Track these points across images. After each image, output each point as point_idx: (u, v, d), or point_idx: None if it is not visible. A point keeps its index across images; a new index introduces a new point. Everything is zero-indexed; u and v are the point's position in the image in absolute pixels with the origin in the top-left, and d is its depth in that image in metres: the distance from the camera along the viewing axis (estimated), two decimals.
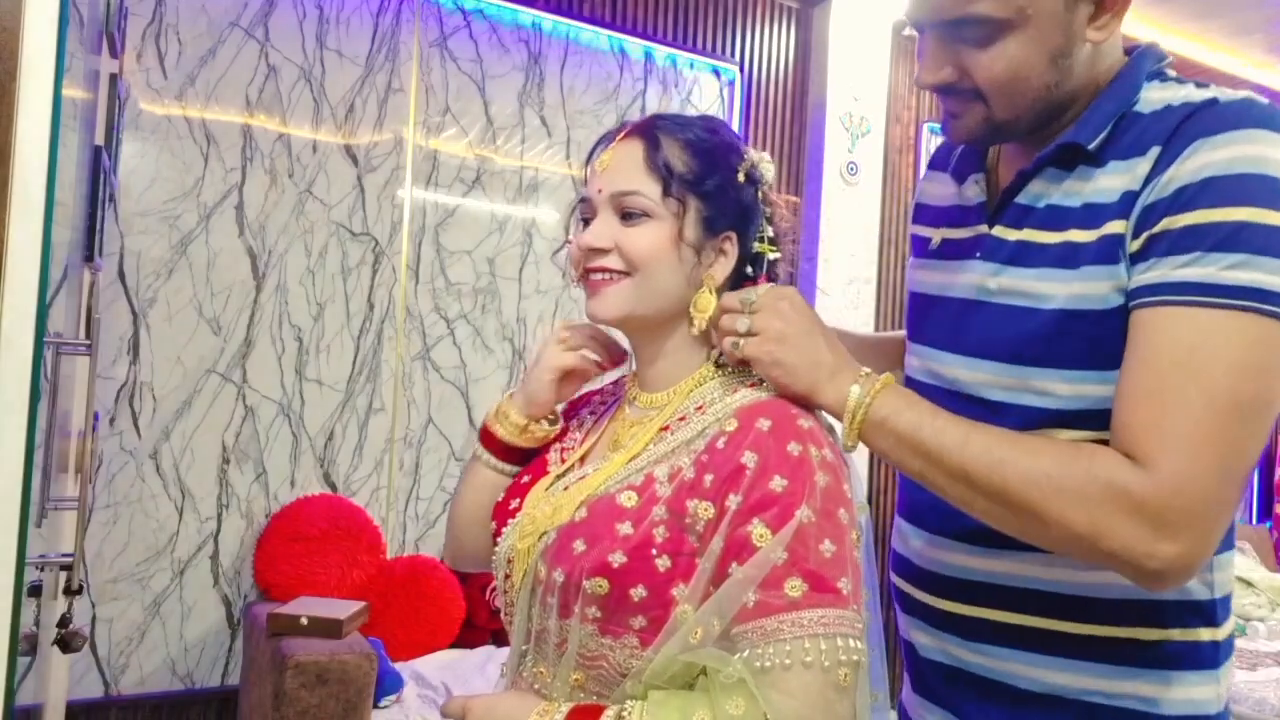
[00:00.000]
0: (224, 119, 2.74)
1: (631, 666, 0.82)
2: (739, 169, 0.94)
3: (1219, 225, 0.76)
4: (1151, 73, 0.89)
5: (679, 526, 0.82)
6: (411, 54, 2.99)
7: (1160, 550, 0.74)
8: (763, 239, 0.96)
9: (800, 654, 0.75)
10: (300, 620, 2.30)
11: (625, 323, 0.93)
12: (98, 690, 2.58)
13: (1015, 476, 0.78)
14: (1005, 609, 0.92)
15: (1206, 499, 0.75)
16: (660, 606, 0.81)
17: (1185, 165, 0.79)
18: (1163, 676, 0.87)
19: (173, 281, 2.67)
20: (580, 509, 0.87)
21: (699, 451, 0.85)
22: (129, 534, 2.61)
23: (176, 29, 2.67)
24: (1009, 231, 0.91)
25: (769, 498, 0.79)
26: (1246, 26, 3.83)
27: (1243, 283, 0.74)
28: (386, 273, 2.96)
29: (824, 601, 0.77)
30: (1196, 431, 0.74)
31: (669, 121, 0.93)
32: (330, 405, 2.88)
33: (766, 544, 0.77)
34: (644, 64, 3.40)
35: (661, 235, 0.89)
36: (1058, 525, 0.77)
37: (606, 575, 0.81)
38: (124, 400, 2.61)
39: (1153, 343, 0.78)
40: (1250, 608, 3.98)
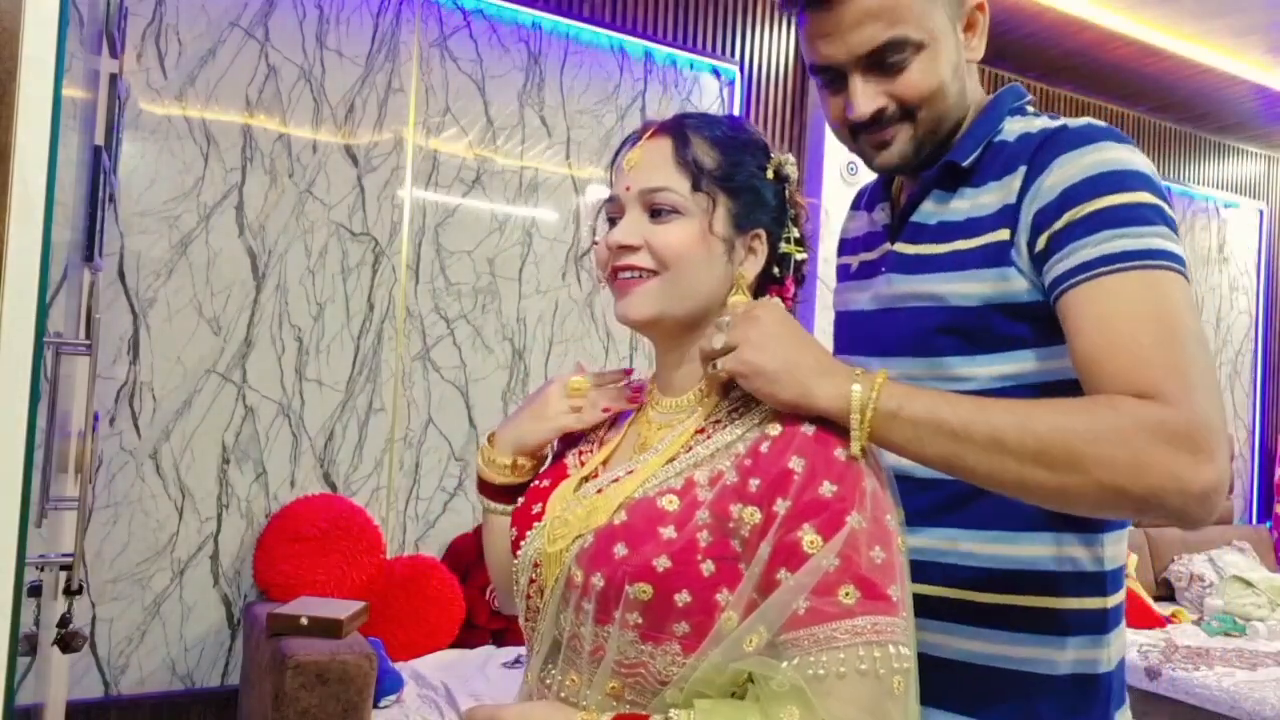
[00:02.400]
0: (224, 119, 2.74)
1: (672, 674, 0.80)
2: (767, 166, 0.92)
3: (1115, 207, 0.87)
4: (1013, 108, 1.02)
5: (722, 531, 0.80)
6: (411, 54, 2.99)
7: (1203, 473, 0.78)
8: (789, 239, 0.94)
9: (855, 662, 0.74)
10: (300, 620, 2.30)
11: (656, 324, 0.90)
12: (98, 690, 2.58)
13: (1047, 430, 0.80)
14: (919, 580, 0.95)
15: (1219, 418, 0.80)
16: (704, 612, 0.79)
17: (1057, 174, 0.90)
18: (1059, 642, 0.95)
19: (173, 281, 2.68)
20: (619, 512, 0.85)
21: (741, 455, 0.83)
22: (129, 534, 2.61)
23: (176, 29, 2.68)
24: (908, 246, 1.03)
25: (819, 503, 0.78)
26: (1246, 27, 3.83)
27: (1153, 247, 0.86)
28: (386, 273, 2.96)
29: (877, 609, 0.76)
30: (1184, 363, 0.81)
31: (696, 119, 0.92)
32: (330, 405, 2.88)
33: (818, 550, 0.76)
34: (644, 64, 3.40)
35: (691, 232, 0.88)
36: (1101, 469, 0.78)
37: (651, 580, 0.79)
38: (124, 400, 2.61)
39: (1103, 307, 0.85)
40: (1250, 608, 3.98)
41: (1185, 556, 4.32)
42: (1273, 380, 5.28)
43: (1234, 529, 4.71)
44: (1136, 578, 4.07)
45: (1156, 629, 3.76)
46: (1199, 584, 4.18)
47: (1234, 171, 5.16)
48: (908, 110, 0.98)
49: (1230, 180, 5.14)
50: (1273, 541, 4.82)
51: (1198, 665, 3.30)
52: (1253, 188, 5.25)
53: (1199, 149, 5.01)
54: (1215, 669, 3.26)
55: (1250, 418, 5.24)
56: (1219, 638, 3.72)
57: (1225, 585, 4.10)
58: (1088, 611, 0.96)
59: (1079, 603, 0.96)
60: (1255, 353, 5.26)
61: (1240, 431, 5.17)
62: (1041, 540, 0.95)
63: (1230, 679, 3.15)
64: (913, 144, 1.00)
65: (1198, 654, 3.42)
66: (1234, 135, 5.03)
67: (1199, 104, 4.55)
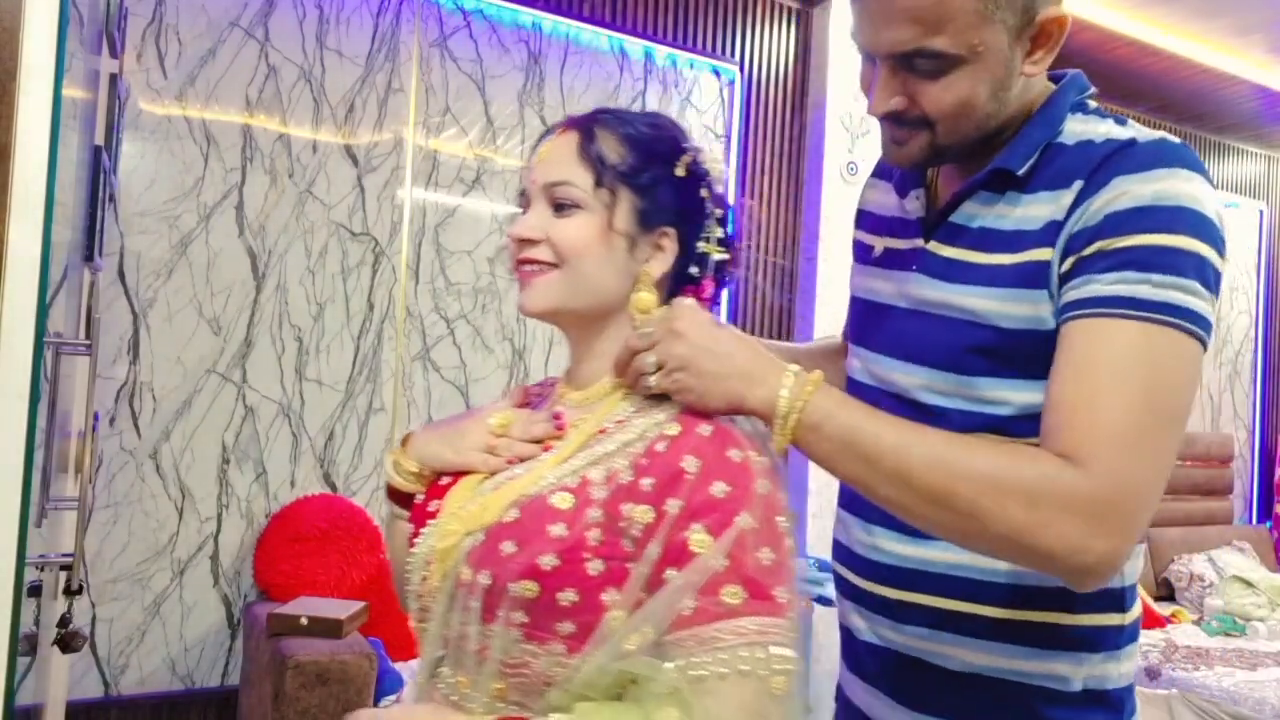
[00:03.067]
0: (224, 119, 2.74)
1: (557, 674, 0.79)
2: (678, 164, 0.91)
3: (1150, 248, 0.82)
4: (1075, 104, 0.95)
5: (613, 530, 0.80)
6: (411, 54, 2.99)
7: (1094, 546, 0.77)
8: (708, 239, 0.93)
9: (736, 662, 0.74)
10: (300, 620, 2.30)
11: (555, 316, 0.91)
12: (98, 690, 2.58)
13: (954, 476, 0.80)
14: (934, 594, 0.96)
15: (1139, 498, 0.79)
16: (589, 612, 0.78)
17: (1110, 196, 0.84)
18: (1075, 657, 0.93)
19: (173, 281, 2.68)
20: (510, 509, 0.84)
21: (637, 455, 0.83)
22: (129, 534, 2.61)
23: (176, 29, 2.67)
24: (943, 248, 0.97)
25: (710, 503, 0.78)
26: (1247, 26, 3.83)
27: (1170, 301, 0.80)
28: (386, 273, 2.96)
29: (762, 610, 0.76)
30: (1131, 434, 0.78)
31: (610, 115, 0.92)
32: (330, 405, 2.88)
33: (706, 550, 0.76)
34: (644, 64, 3.40)
35: (591, 227, 0.88)
36: (996, 523, 0.78)
37: (536, 578, 0.79)
38: (124, 400, 2.61)
39: (1087, 351, 0.82)
40: (1250, 608, 3.98)
41: (1185, 556, 4.32)
42: (1273, 380, 5.28)
43: (1234, 529, 4.71)
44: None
45: (1156, 629, 3.76)
46: (1199, 584, 4.18)
47: (1234, 171, 5.16)
48: (927, 119, 0.92)
49: (1230, 180, 5.14)
50: (1273, 541, 4.82)
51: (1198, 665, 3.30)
52: (1252, 188, 5.25)
53: (1199, 149, 5.01)
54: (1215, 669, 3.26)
55: (1250, 418, 5.24)
56: (1219, 638, 3.72)
57: (1225, 585, 4.10)
58: (1105, 628, 0.94)
59: (1096, 619, 0.94)
60: (1255, 353, 5.26)
61: (1240, 432, 5.17)
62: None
63: (1230, 679, 3.15)
64: (929, 150, 0.94)
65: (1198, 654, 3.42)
66: (1234, 135, 5.03)
67: (1199, 104, 4.55)
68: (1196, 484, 4.66)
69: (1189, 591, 4.20)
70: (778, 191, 3.63)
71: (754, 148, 3.57)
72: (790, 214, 3.65)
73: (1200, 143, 5.01)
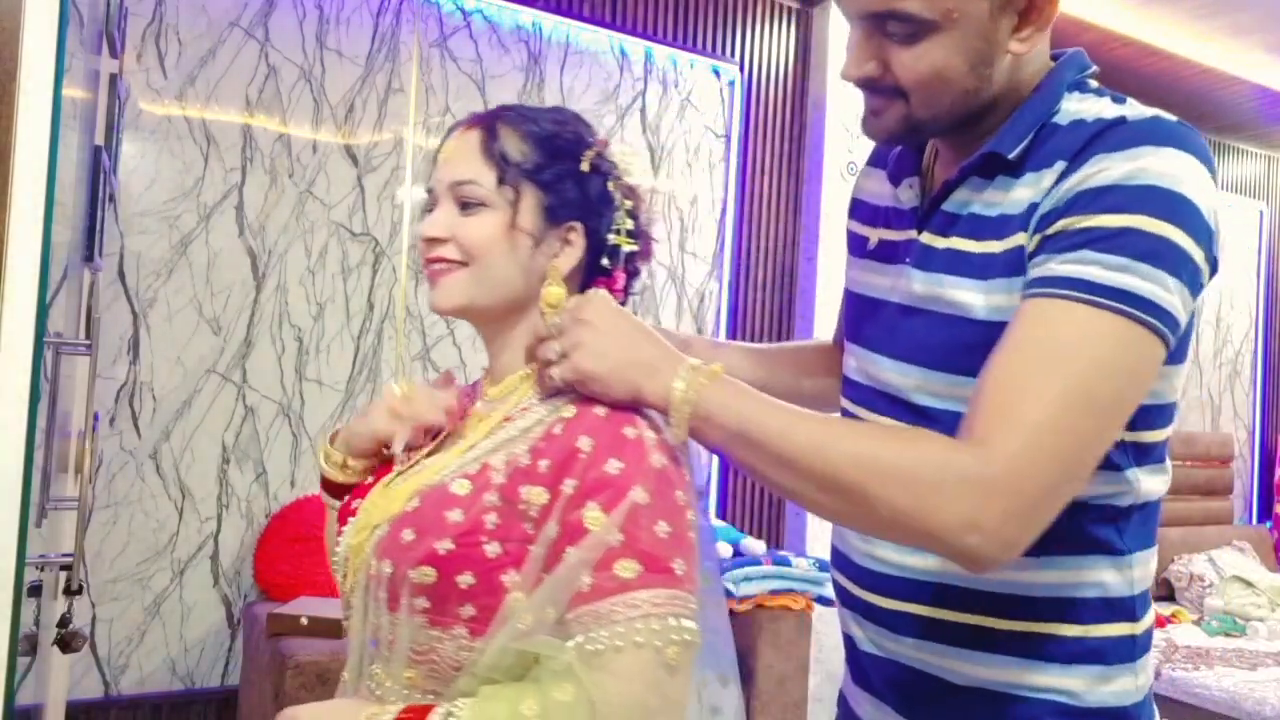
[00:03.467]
0: (224, 119, 2.74)
1: (463, 659, 0.81)
2: (582, 158, 0.93)
3: (1109, 229, 0.77)
4: (1073, 83, 0.90)
5: (512, 513, 0.81)
6: (411, 54, 2.99)
7: (981, 522, 0.74)
8: (619, 231, 0.95)
9: (632, 635, 0.75)
10: (300, 620, 2.30)
11: (466, 313, 0.93)
12: (98, 690, 2.58)
13: (839, 458, 0.78)
14: (935, 605, 0.93)
15: (1037, 482, 0.74)
16: (489, 594, 0.80)
17: (1085, 174, 0.80)
18: (1083, 671, 0.89)
19: (173, 281, 2.67)
20: (413, 499, 0.86)
21: (537, 439, 0.85)
22: (129, 534, 2.61)
23: (176, 29, 2.67)
24: (936, 239, 0.92)
25: (603, 480, 0.79)
26: (1246, 26, 3.83)
27: (1121, 285, 0.76)
28: (386, 273, 2.96)
29: (656, 581, 0.77)
30: (1043, 417, 0.74)
31: (513, 112, 0.93)
32: (330, 405, 2.88)
33: (600, 526, 0.77)
34: (644, 64, 3.40)
35: (496, 224, 0.89)
36: (881, 504, 0.76)
37: (433, 563, 0.80)
38: (124, 400, 2.61)
39: (1025, 331, 0.78)
40: (1250, 608, 3.98)
41: (1185, 556, 4.32)
42: (1273, 380, 5.28)
43: (1234, 529, 4.71)
44: None
45: (1156, 629, 3.76)
46: (1199, 584, 4.18)
47: (1233, 171, 5.16)
48: (901, 88, 0.87)
49: (1230, 180, 5.14)
50: (1273, 541, 4.81)
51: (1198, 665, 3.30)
52: (1252, 188, 5.25)
53: None
54: (1215, 669, 3.26)
55: (1250, 418, 5.24)
56: (1219, 638, 3.72)
57: (1225, 585, 4.10)
58: (1117, 639, 0.90)
59: (1106, 630, 0.89)
60: (1255, 353, 5.26)
61: (1240, 432, 5.17)
62: (1065, 564, 0.88)
63: (1230, 679, 3.15)
64: (905, 125, 0.89)
65: (1198, 654, 3.42)
66: (1234, 135, 5.03)
67: (1199, 104, 4.55)
68: (1196, 484, 4.66)
69: (1189, 591, 4.20)
70: (778, 191, 3.63)
71: (754, 148, 3.57)
72: (790, 214, 3.65)
73: None
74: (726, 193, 3.57)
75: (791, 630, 2.80)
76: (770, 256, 3.61)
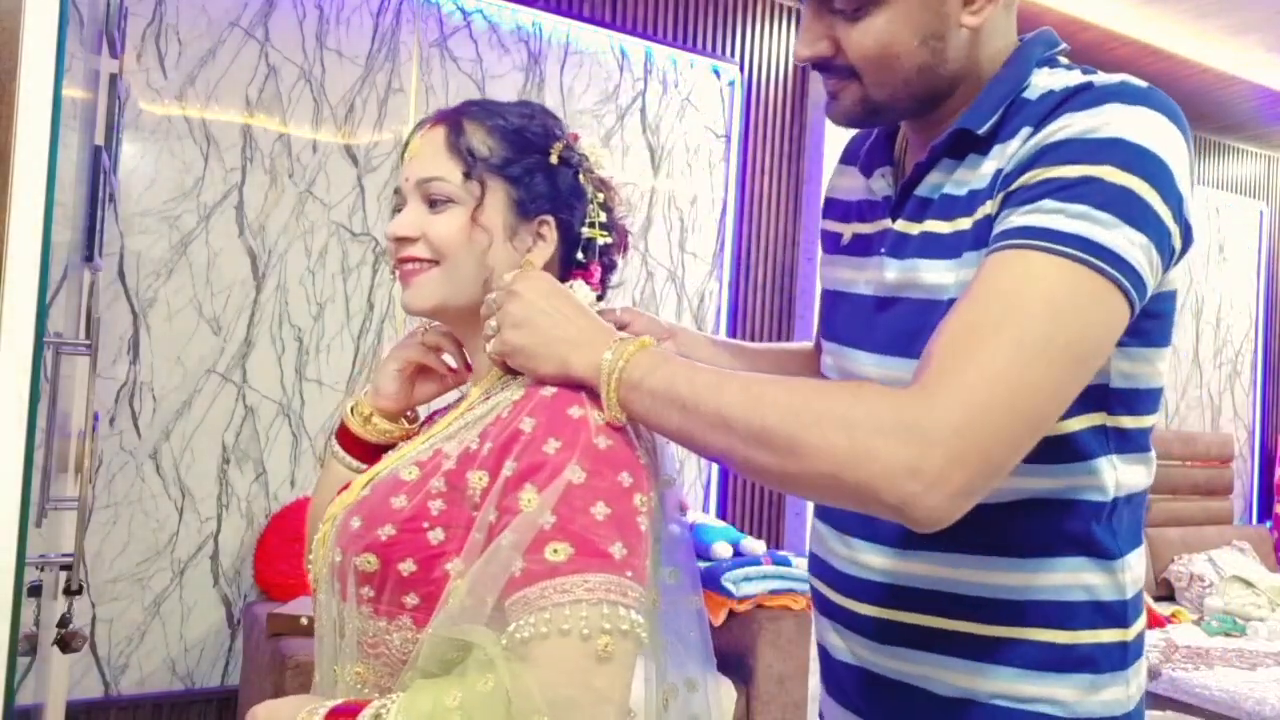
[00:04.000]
0: (224, 119, 2.74)
1: (409, 651, 0.78)
2: (550, 151, 0.91)
3: (1070, 179, 0.75)
4: (1043, 59, 0.88)
5: (458, 500, 0.79)
6: (411, 54, 2.99)
7: (922, 468, 0.69)
8: (593, 224, 0.93)
9: (559, 621, 0.70)
10: (300, 620, 2.30)
11: (440, 313, 0.92)
12: (98, 690, 2.58)
13: (773, 411, 0.74)
14: (914, 611, 0.90)
15: (985, 428, 0.70)
16: (432, 583, 0.77)
17: (1048, 131, 0.79)
18: (1072, 679, 0.85)
19: (173, 281, 2.68)
20: (365, 488, 0.86)
21: (488, 424, 0.83)
22: (129, 534, 2.61)
23: (176, 29, 2.67)
24: (910, 225, 0.90)
25: (540, 461, 0.76)
26: (1246, 26, 3.83)
27: (1079, 233, 0.73)
28: (386, 273, 2.96)
29: (589, 566, 0.72)
30: (994, 364, 0.70)
31: (478, 108, 0.92)
32: (330, 405, 2.88)
33: (532, 508, 0.74)
34: (644, 64, 3.40)
35: (465, 221, 0.88)
36: (819, 456, 0.71)
37: (375, 550, 0.79)
38: (124, 400, 2.61)
39: (984, 282, 0.75)
40: (1250, 608, 3.98)
41: (1185, 556, 4.32)
42: (1273, 380, 5.28)
43: (1234, 529, 4.71)
44: None
45: (1156, 629, 3.76)
46: (1199, 584, 4.18)
47: (1234, 171, 5.16)
48: (852, 67, 0.86)
49: (1230, 180, 5.14)
50: (1273, 541, 4.81)
51: (1198, 665, 3.30)
52: (1252, 188, 5.25)
53: (1198, 149, 5.01)
54: (1215, 669, 3.26)
55: (1250, 418, 5.24)
56: (1219, 638, 3.72)
57: (1225, 585, 4.10)
58: (1108, 646, 0.87)
59: (1097, 636, 0.86)
60: (1255, 353, 5.26)
61: (1240, 432, 5.17)
62: (1052, 567, 0.85)
63: (1230, 679, 3.15)
64: (863, 106, 0.88)
65: (1198, 654, 3.42)
66: (1234, 135, 5.03)
67: (1199, 104, 4.55)
68: (1196, 484, 4.66)
69: (1189, 591, 4.20)
70: (778, 191, 3.63)
71: (754, 148, 3.57)
72: (790, 214, 3.65)
73: (1200, 143, 5.01)
74: (726, 193, 3.57)
75: (791, 630, 2.80)
76: (770, 256, 3.61)
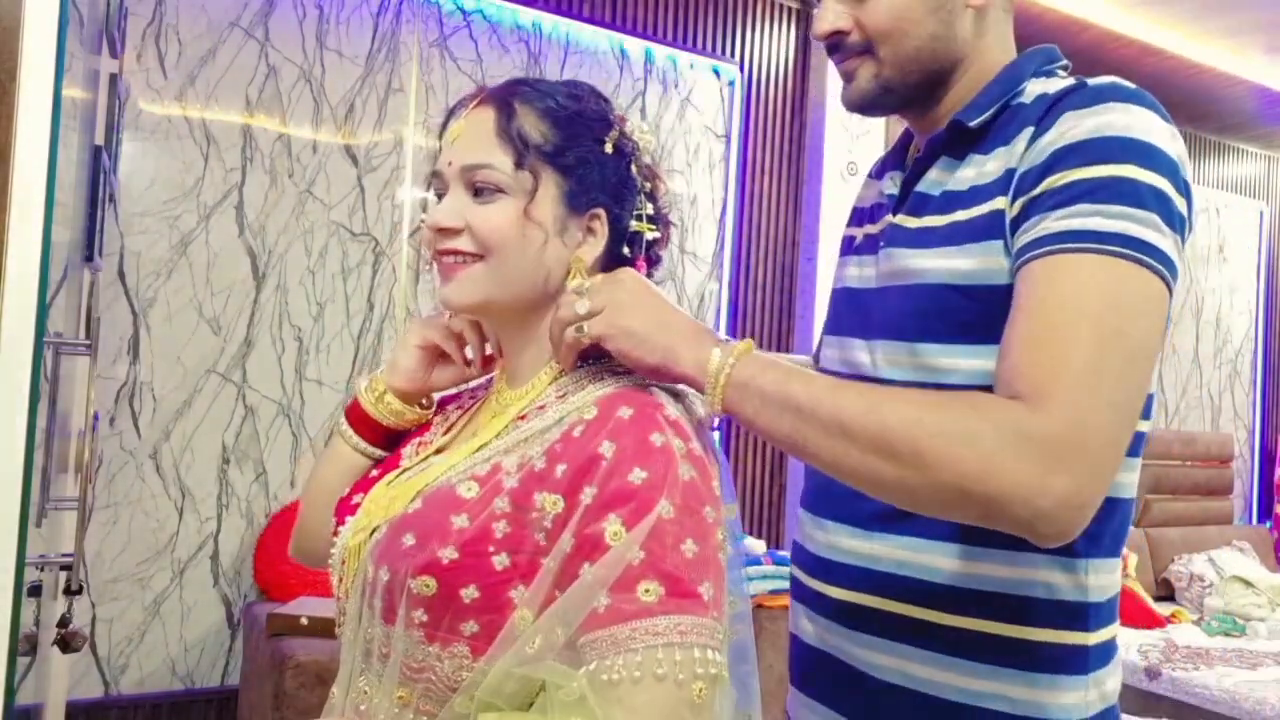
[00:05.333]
0: (224, 119, 2.74)
1: (462, 679, 0.73)
2: (605, 140, 0.84)
3: (1099, 180, 0.78)
4: (1040, 71, 0.92)
5: (523, 521, 0.73)
6: (411, 54, 2.99)
7: (1053, 485, 0.70)
8: (640, 217, 0.87)
9: (652, 666, 0.66)
10: (300, 620, 2.30)
11: (483, 310, 0.85)
12: (98, 690, 2.58)
13: (895, 420, 0.74)
14: (877, 595, 0.91)
15: (1101, 434, 0.72)
16: (495, 610, 0.72)
17: (1057, 133, 0.82)
18: (1027, 678, 0.85)
19: (173, 281, 2.67)
20: (415, 500, 0.79)
21: (553, 441, 0.77)
22: (129, 534, 2.61)
23: (176, 29, 2.67)
24: (910, 220, 0.94)
25: (626, 491, 0.71)
26: (1246, 26, 3.83)
27: (1125, 232, 0.76)
28: (386, 273, 2.96)
29: (681, 608, 0.68)
30: (1090, 368, 0.73)
31: (528, 87, 0.84)
32: (330, 405, 2.88)
33: (620, 542, 0.69)
34: (644, 64, 3.40)
35: (516, 213, 0.80)
36: (943, 467, 0.72)
37: (435, 573, 0.73)
38: (124, 400, 2.61)
39: (1039, 290, 0.77)
40: (1250, 608, 3.98)
41: (1185, 556, 4.32)
42: (1273, 380, 5.28)
43: (1234, 529, 4.71)
44: (1136, 577, 4.07)
45: (1156, 629, 3.76)
46: (1199, 584, 4.18)
47: (1234, 171, 5.16)
48: (869, 42, 0.91)
49: (1230, 180, 5.14)
50: (1273, 541, 4.81)
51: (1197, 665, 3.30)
52: (1252, 188, 5.25)
53: (1199, 149, 5.01)
54: (1215, 669, 3.26)
55: (1250, 418, 5.24)
56: (1219, 638, 3.72)
57: (1225, 585, 4.10)
58: (1063, 646, 0.86)
59: (1052, 635, 0.86)
60: (1255, 353, 5.26)
61: (1240, 432, 5.17)
62: (1013, 559, 0.85)
63: (1230, 679, 3.15)
64: (876, 84, 0.92)
65: (1198, 654, 3.42)
66: (1234, 135, 5.03)
67: (1199, 104, 4.55)
68: (1196, 484, 4.66)
69: (1189, 591, 4.20)
70: (778, 191, 3.63)
71: (754, 148, 3.57)
72: (790, 214, 3.65)
73: (1200, 143, 5.02)
74: (726, 193, 3.57)
75: None
76: (770, 256, 3.61)
